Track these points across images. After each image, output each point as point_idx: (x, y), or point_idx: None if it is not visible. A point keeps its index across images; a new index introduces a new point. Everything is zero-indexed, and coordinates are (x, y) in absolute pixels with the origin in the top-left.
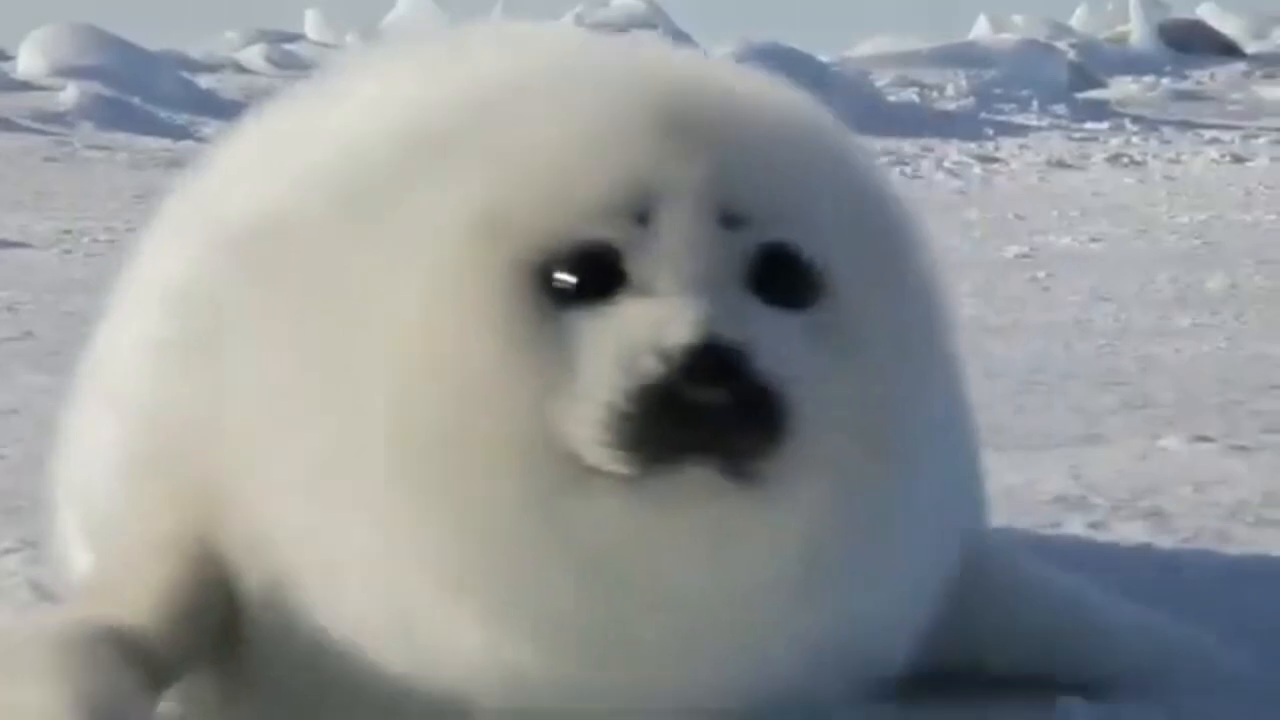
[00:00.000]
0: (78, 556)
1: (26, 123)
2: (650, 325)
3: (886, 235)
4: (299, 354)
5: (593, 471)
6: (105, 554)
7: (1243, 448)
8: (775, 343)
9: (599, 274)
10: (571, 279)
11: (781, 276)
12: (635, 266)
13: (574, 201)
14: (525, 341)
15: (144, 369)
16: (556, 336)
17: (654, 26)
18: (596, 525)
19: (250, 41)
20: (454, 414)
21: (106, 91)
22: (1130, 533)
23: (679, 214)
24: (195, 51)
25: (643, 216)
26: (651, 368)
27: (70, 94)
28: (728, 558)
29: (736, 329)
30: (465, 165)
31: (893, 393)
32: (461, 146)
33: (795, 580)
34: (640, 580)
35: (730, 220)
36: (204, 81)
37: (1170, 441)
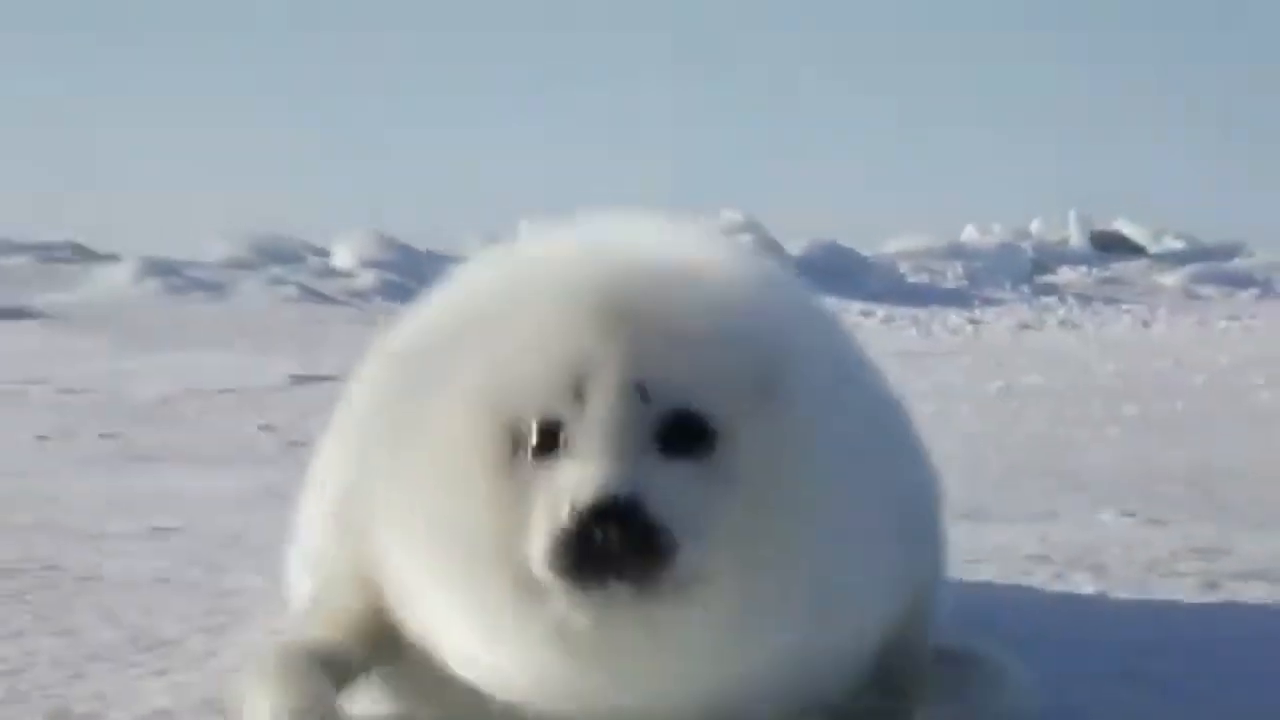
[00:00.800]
0: (302, 584)
1: (340, 297)
2: (572, 483)
3: (771, 392)
4: (393, 467)
5: (547, 585)
6: (315, 585)
7: (1156, 520)
8: (668, 490)
9: (548, 440)
10: (530, 443)
11: (683, 435)
12: (572, 434)
13: (531, 386)
14: (499, 489)
15: (335, 458)
16: (520, 486)
17: (750, 232)
18: (553, 622)
19: (486, 240)
20: (461, 534)
21: (391, 276)
22: (1080, 580)
23: (602, 393)
24: (448, 249)
25: (579, 395)
26: (565, 517)
27: (367, 278)
28: (645, 644)
29: (630, 485)
30: (469, 356)
31: (772, 515)
32: (467, 343)
33: (701, 654)
34: (589, 657)
35: (643, 394)
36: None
37: (1106, 516)
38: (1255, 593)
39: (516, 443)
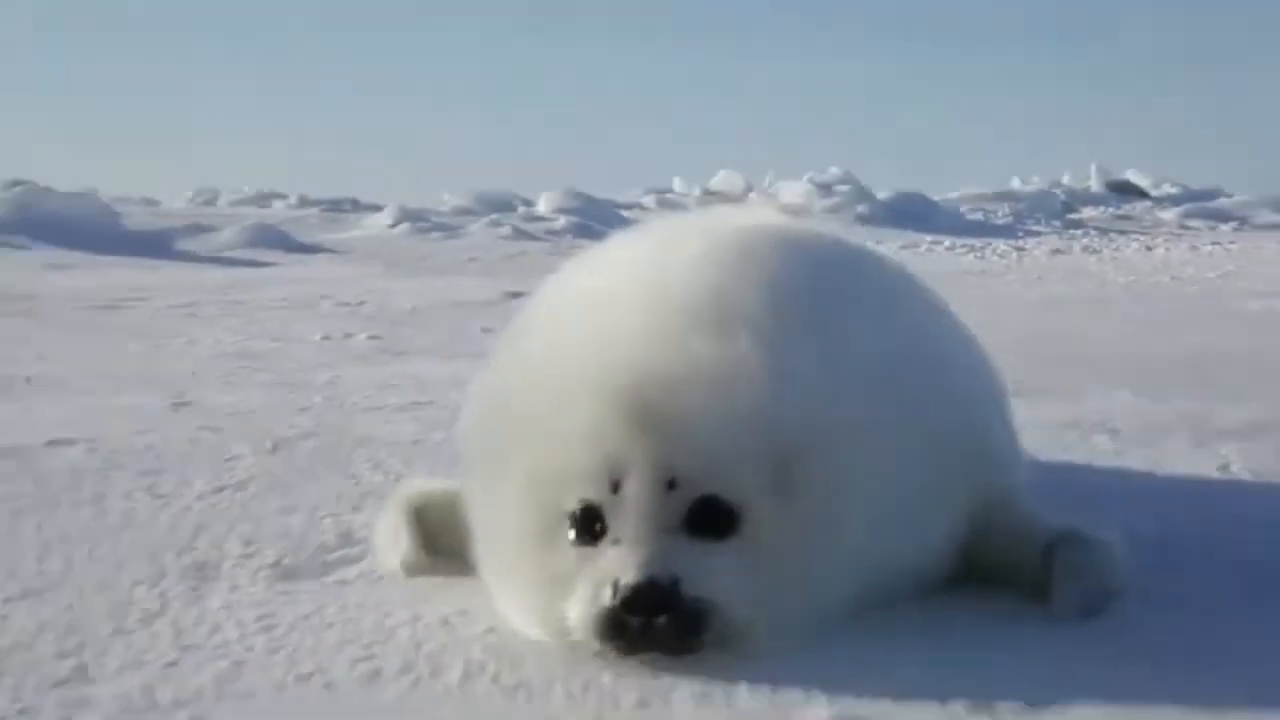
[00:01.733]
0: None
1: (541, 235)
2: (612, 567)
3: (788, 473)
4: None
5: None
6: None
7: (1157, 396)
8: (700, 570)
9: (590, 524)
10: (571, 527)
11: (710, 518)
12: (612, 520)
13: (572, 478)
14: (542, 563)
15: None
16: (562, 562)
17: (847, 184)
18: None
19: (647, 192)
20: (516, 590)
21: (577, 220)
22: (1100, 440)
23: (636, 484)
24: (622, 199)
25: (616, 486)
26: (608, 599)
27: (561, 222)
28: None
29: (668, 567)
30: (519, 445)
31: (796, 585)
32: (516, 433)
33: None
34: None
35: (671, 484)
36: (628, 214)
37: (1119, 393)
38: (1230, 447)
39: (559, 525)
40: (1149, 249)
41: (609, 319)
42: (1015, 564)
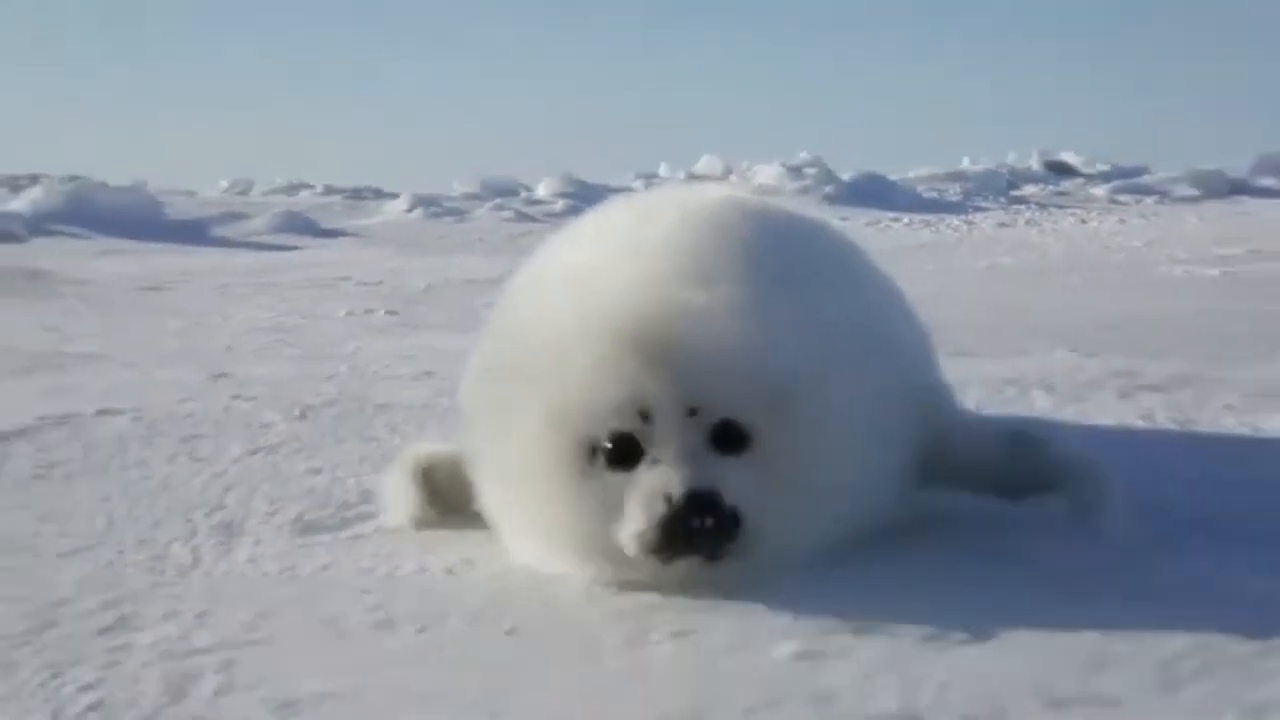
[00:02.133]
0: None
1: (541, 218)
2: (659, 483)
3: (786, 397)
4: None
5: (632, 558)
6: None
7: (1090, 353)
8: (729, 482)
9: (624, 452)
10: (607, 454)
11: (729, 438)
12: (648, 446)
13: (604, 412)
14: (586, 492)
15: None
16: (606, 488)
17: (815, 166)
18: (633, 573)
19: (637, 177)
20: (554, 523)
21: (574, 203)
22: (1038, 395)
23: (664, 412)
24: (614, 183)
25: (645, 416)
26: (662, 510)
27: (559, 205)
28: (711, 579)
29: (708, 480)
30: (543, 386)
31: (798, 491)
32: (539, 373)
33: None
34: (666, 585)
35: (693, 411)
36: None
37: (1056, 352)
38: (1153, 399)
39: (589, 457)
40: (1083, 222)
41: (615, 274)
42: (981, 461)
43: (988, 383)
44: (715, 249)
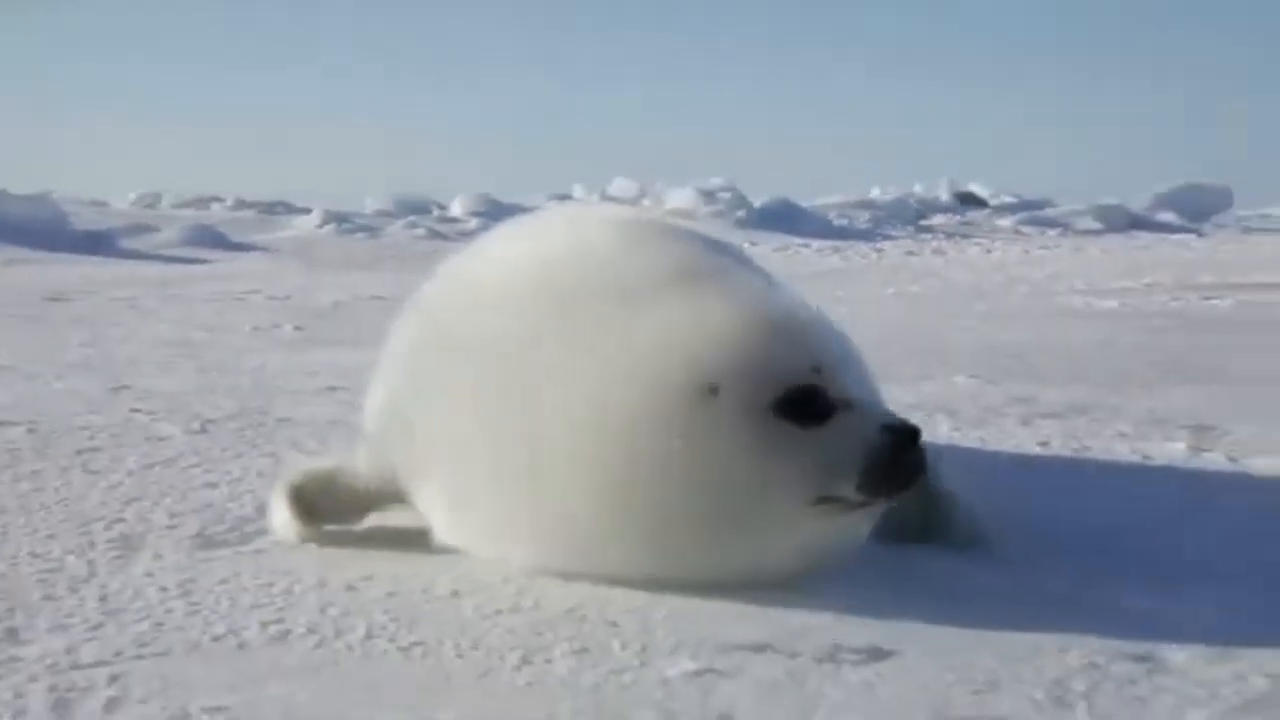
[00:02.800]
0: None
1: (453, 236)
2: (868, 421)
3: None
4: (478, 409)
5: (837, 501)
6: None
7: (992, 380)
8: None
9: (810, 402)
10: (798, 408)
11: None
12: (835, 392)
13: (782, 369)
14: (784, 447)
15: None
16: (806, 439)
17: (729, 191)
18: (825, 523)
19: (551, 197)
20: (708, 501)
21: (488, 221)
22: (941, 419)
23: (834, 369)
24: (527, 203)
25: (819, 371)
26: (888, 441)
27: (473, 224)
28: (866, 529)
29: (913, 424)
30: (679, 332)
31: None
32: (672, 313)
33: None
34: (829, 542)
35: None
36: None
37: (959, 378)
38: (1051, 426)
39: (769, 413)
40: (988, 252)
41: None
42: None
43: (893, 407)
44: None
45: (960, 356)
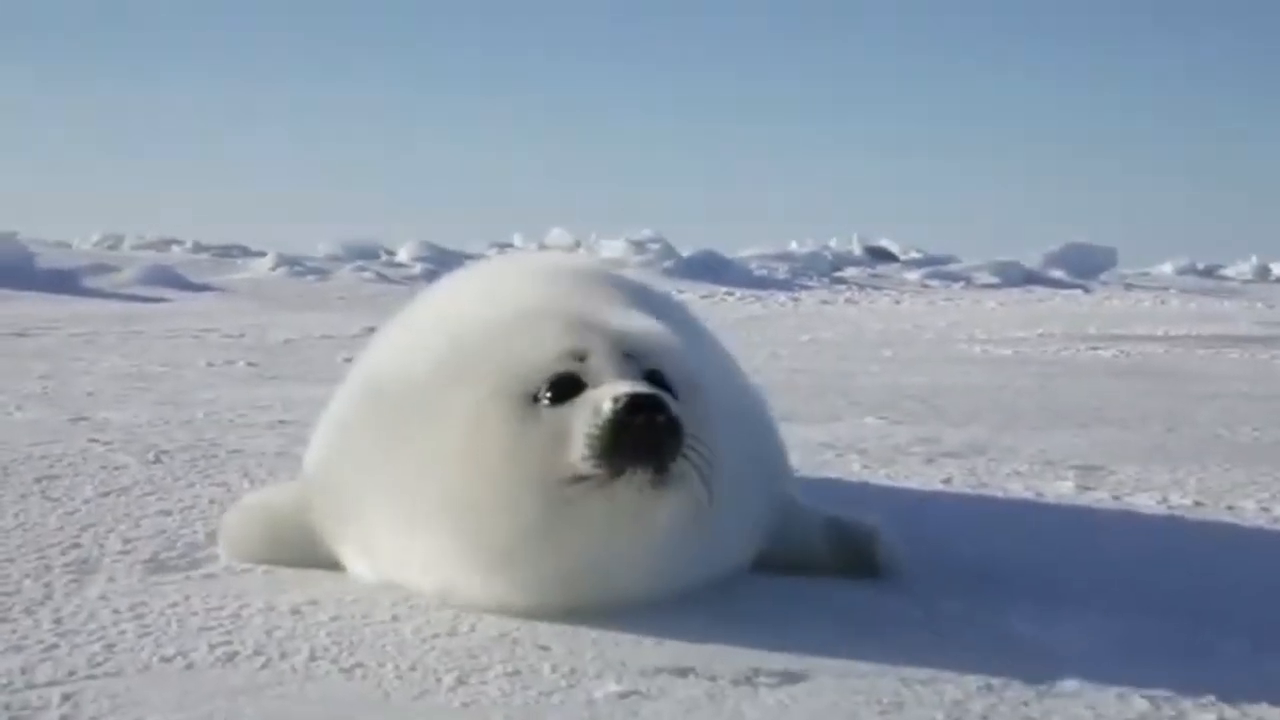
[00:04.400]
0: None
1: (399, 280)
2: (603, 393)
3: (688, 362)
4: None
5: (584, 478)
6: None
7: (899, 421)
8: (670, 400)
9: (567, 387)
10: (550, 393)
11: (659, 383)
12: (588, 377)
13: (546, 360)
14: (533, 428)
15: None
16: (552, 421)
17: (658, 242)
18: (589, 505)
19: (491, 245)
20: (503, 474)
21: (431, 267)
22: (852, 458)
23: (600, 353)
24: (469, 250)
25: (582, 357)
26: (609, 410)
27: (418, 269)
28: (654, 516)
29: (651, 389)
30: (477, 361)
31: (715, 444)
32: (472, 353)
33: (684, 526)
34: (611, 529)
35: (628, 357)
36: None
37: (869, 419)
38: (953, 465)
39: (532, 403)
40: (897, 303)
41: (537, 291)
42: (798, 544)
43: (806, 446)
44: (608, 289)
45: (869, 399)
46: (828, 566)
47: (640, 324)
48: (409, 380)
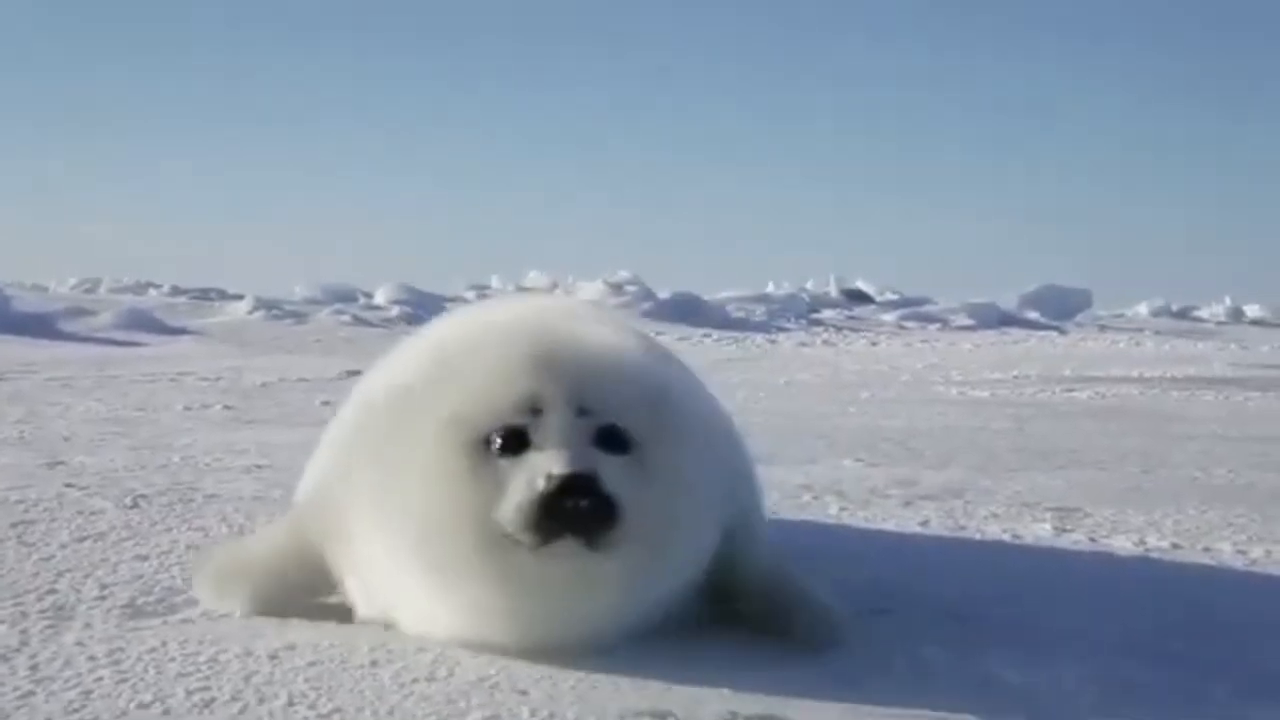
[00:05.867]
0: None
1: (377, 323)
2: (542, 464)
3: (666, 411)
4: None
5: (516, 540)
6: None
7: (876, 464)
8: (611, 474)
9: (515, 441)
10: (498, 444)
11: (613, 441)
12: (535, 435)
13: (499, 406)
14: (478, 476)
15: (323, 461)
16: (495, 472)
17: (635, 284)
18: (518, 567)
19: (469, 287)
20: (446, 514)
21: (409, 310)
22: (829, 500)
23: (554, 411)
24: (447, 293)
25: (537, 411)
26: (541, 486)
27: (395, 311)
28: (586, 585)
29: (589, 466)
30: (446, 392)
31: (671, 496)
32: (442, 383)
33: (620, 593)
34: (541, 596)
35: (582, 412)
36: (452, 306)
37: (846, 461)
38: (930, 507)
39: (485, 448)
40: (873, 345)
41: (499, 335)
42: (748, 595)
43: (783, 488)
44: (589, 319)
45: (847, 440)
46: (752, 617)
47: (610, 363)
48: (389, 400)
